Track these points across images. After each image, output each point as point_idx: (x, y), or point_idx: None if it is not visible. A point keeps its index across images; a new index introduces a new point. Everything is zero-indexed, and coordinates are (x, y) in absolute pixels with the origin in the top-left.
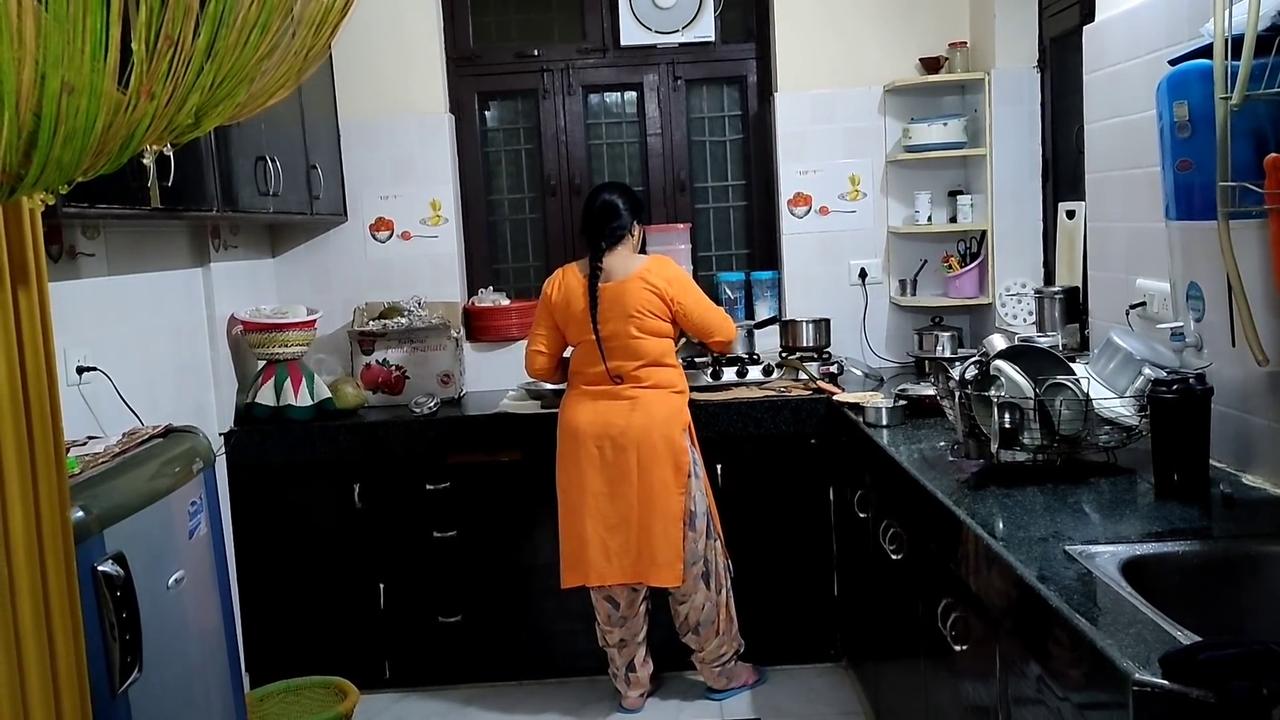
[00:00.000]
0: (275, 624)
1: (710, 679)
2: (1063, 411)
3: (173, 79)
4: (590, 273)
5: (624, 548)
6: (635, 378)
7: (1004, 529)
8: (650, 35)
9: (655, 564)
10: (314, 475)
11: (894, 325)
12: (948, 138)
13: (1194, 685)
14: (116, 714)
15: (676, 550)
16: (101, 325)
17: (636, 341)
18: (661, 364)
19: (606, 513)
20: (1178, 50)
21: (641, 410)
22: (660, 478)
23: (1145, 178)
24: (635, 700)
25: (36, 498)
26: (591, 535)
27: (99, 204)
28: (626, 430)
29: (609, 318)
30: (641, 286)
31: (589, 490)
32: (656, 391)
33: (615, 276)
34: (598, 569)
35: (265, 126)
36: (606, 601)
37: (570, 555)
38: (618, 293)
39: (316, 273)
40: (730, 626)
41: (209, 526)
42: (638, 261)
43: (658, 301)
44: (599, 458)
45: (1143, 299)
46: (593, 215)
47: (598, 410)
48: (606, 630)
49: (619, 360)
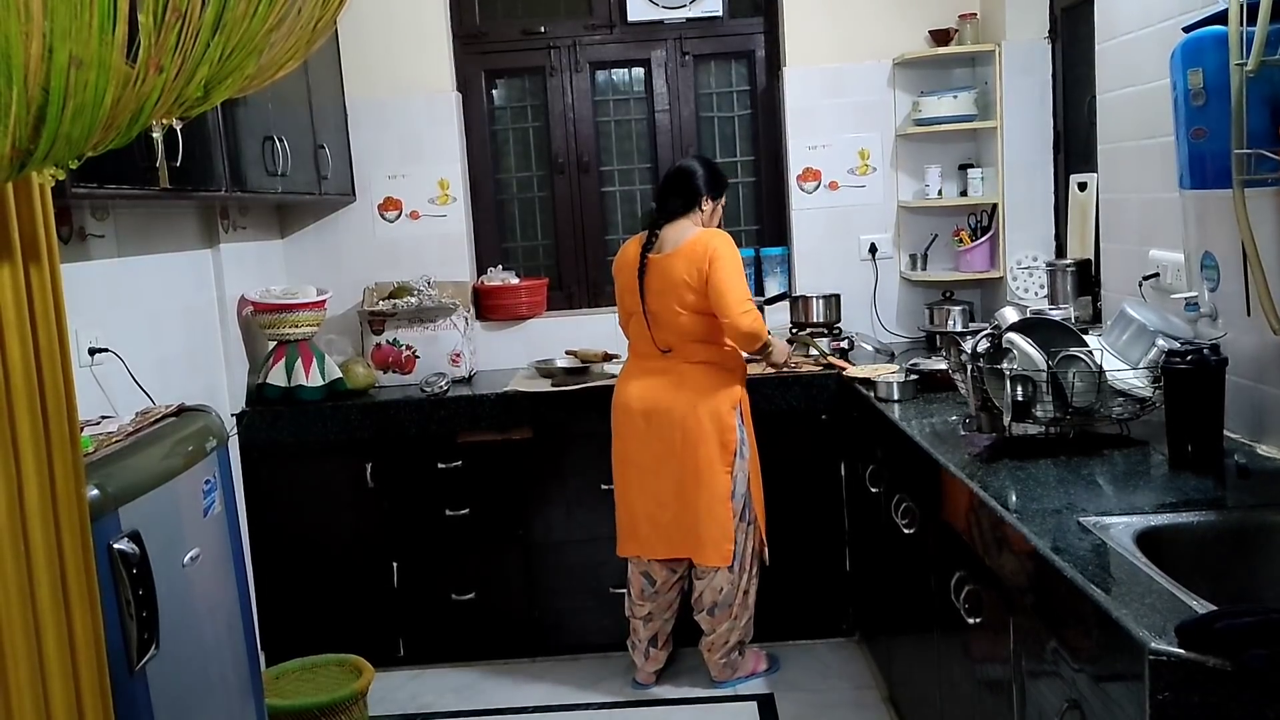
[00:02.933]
0: (290, 603)
1: (714, 670)
2: (1076, 384)
3: (181, 51)
4: (645, 242)
5: (672, 523)
6: (684, 352)
7: (1017, 501)
8: (657, 10)
9: (701, 542)
10: (326, 455)
11: (905, 300)
12: (958, 110)
13: (1211, 654)
14: (134, 690)
15: (724, 530)
16: (112, 307)
17: (679, 318)
18: (710, 340)
19: (654, 488)
20: (1191, 17)
21: (688, 386)
22: (705, 455)
23: (1158, 148)
24: (648, 676)
25: (52, 477)
26: (639, 509)
27: (108, 185)
28: (673, 406)
29: (656, 289)
30: (684, 259)
31: (635, 464)
32: (705, 367)
33: (666, 248)
34: (648, 542)
35: (272, 106)
36: (643, 576)
37: (624, 526)
38: (665, 265)
39: (326, 253)
40: (744, 614)
41: (223, 505)
42: (690, 234)
43: (698, 276)
44: (646, 432)
45: (1156, 270)
46: (662, 183)
47: (646, 385)
48: (638, 603)
49: (664, 333)
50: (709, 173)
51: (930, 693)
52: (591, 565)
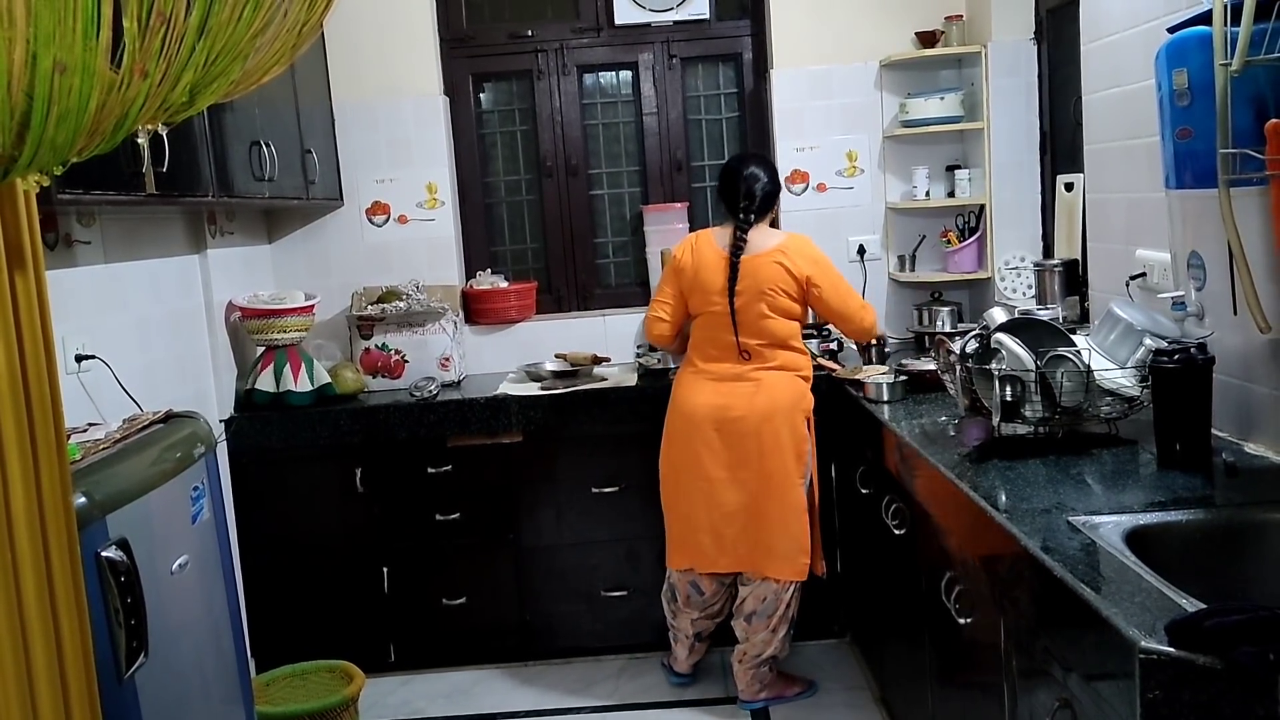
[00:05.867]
0: (280, 609)
1: (741, 683)
2: (1064, 383)
3: (166, 57)
4: (733, 243)
5: (740, 536)
6: (762, 356)
7: (1007, 501)
8: (644, 13)
9: (772, 555)
10: (315, 461)
11: (893, 301)
12: (945, 112)
13: (1201, 652)
14: (123, 699)
15: (799, 542)
16: (99, 313)
17: (766, 320)
18: (789, 346)
19: (723, 500)
20: (1176, 18)
21: (765, 394)
22: (780, 465)
23: (1144, 148)
24: (685, 665)
25: (39, 485)
26: (703, 521)
27: (93, 190)
28: (748, 415)
29: (741, 290)
30: (777, 263)
31: (703, 475)
32: (783, 374)
33: (752, 251)
34: (708, 555)
35: (259, 111)
36: (691, 585)
37: (679, 538)
38: (753, 267)
39: (313, 258)
40: (783, 627)
41: (212, 511)
42: (775, 237)
43: (792, 281)
44: (718, 442)
45: (1143, 269)
46: (740, 182)
47: (718, 391)
48: (683, 609)
49: (750, 335)
50: (776, 173)
51: (922, 693)
52: (583, 569)
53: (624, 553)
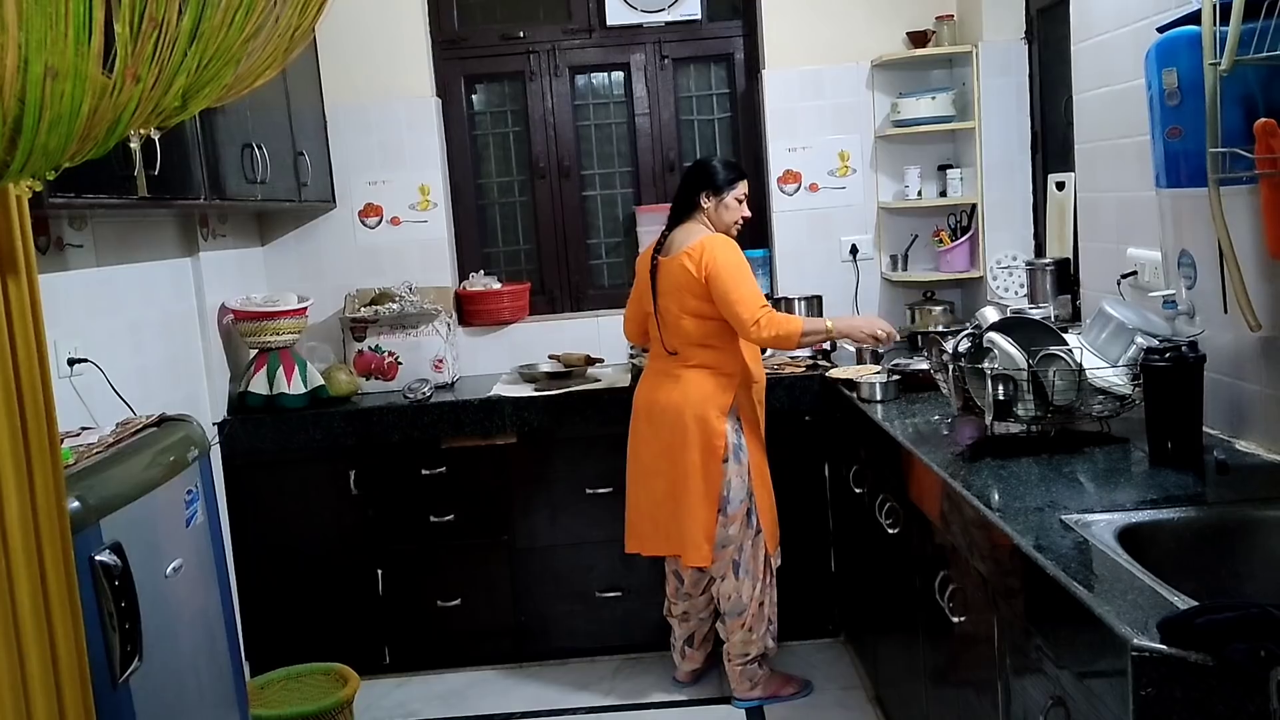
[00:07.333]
0: (274, 612)
1: (733, 680)
2: (1056, 382)
3: (158, 61)
4: (656, 244)
5: (669, 521)
6: (684, 355)
7: (1000, 500)
8: (636, 14)
9: (684, 542)
10: (309, 463)
11: (886, 301)
12: (936, 111)
13: (1192, 649)
14: (118, 703)
15: (705, 531)
16: (91, 317)
17: (680, 320)
18: (708, 345)
19: (653, 486)
20: (1166, 17)
21: (680, 389)
22: (689, 458)
23: (1134, 147)
24: (686, 675)
25: (32, 489)
26: (644, 506)
27: (86, 194)
28: (668, 409)
29: (663, 291)
30: (682, 264)
31: (640, 463)
32: (701, 371)
33: (672, 251)
34: (649, 539)
35: (251, 113)
36: (674, 575)
37: (629, 523)
38: (668, 268)
39: (306, 260)
40: (760, 625)
41: (205, 515)
42: (694, 237)
43: (695, 282)
44: (648, 432)
45: (1134, 268)
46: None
47: (651, 385)
48: (672, 601)
49: (670, 335)
50: (702, 169)
51: (916, 692)
52: (577, 569)
53: (618, 553)
